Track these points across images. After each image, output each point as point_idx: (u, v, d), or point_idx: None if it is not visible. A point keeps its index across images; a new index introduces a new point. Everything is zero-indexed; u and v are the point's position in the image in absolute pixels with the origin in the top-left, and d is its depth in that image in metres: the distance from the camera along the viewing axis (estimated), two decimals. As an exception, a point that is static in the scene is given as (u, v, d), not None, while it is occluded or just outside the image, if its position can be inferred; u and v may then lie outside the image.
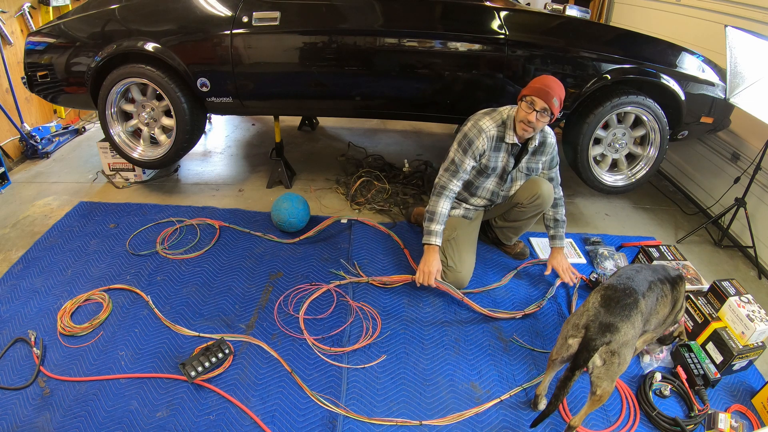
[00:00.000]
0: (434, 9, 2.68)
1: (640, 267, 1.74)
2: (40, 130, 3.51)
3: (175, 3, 2.66)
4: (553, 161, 2.31)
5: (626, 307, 1.52)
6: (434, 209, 2.17)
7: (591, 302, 1.57)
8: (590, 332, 1.48)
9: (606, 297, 1.55)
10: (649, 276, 1.69)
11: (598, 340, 1.46)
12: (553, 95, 1.98)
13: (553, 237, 2.37)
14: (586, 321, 1.52)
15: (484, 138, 2.11)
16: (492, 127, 2.12)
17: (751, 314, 1.94)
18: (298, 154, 3.66)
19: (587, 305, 1.57)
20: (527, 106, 2.02)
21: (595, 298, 1.57)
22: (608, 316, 1.49)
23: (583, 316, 1.54)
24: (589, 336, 1.47)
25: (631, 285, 1.59)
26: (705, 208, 3.17)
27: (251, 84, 2.73)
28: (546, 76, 2.05)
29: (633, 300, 1.55)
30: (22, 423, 1.62)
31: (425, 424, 1.68)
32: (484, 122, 2.12)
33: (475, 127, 2.13)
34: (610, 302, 1.53)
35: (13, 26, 3.39)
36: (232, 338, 1.98)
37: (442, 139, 4.13)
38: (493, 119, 2.13)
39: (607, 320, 1.48)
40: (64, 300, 2.12)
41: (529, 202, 2.29)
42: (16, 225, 2.68)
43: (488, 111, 2.18)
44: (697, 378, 1.87)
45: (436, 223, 2.16)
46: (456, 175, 2.16)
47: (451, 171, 2.17)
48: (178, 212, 2.79)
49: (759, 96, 2.42)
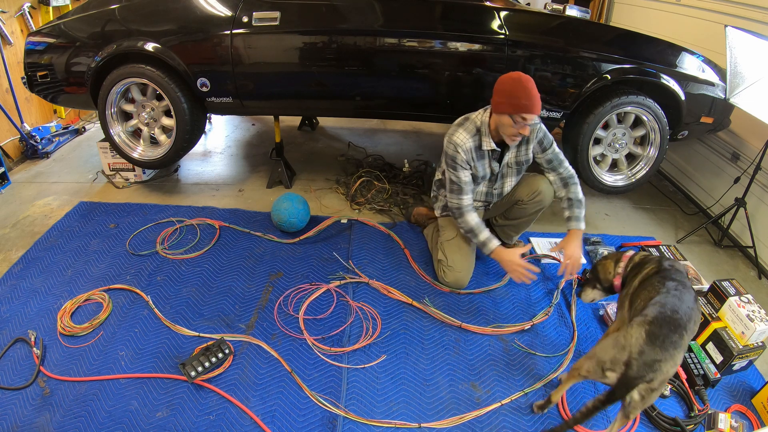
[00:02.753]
0: (434, 9, 2.68)
1: (679, 291, 1.57)
2: (40, 130, 3.52)
3: (175, 3, 2.66)
4: (544, 142, 2.18)
5: (672, 345, 1.43)
6: (469, 226, 2.13)
7: (634, 336, 1.44)
8: (632, 371, 1.40)
9: (651, 333, 1.43)
10: (690, 302, 1.56)
11: (639, 380, 1.39)
12: (539, 103, 1.92)
13: (569, 218, 2.19)
14: (627, 357, 1.42)
15: (461, 152, 2.07)
16: (467, 140, 2.07)
17: (751, 314, 1.93)
18: (298, 154, 3.66)
19: (629, 338, 1.45)
20: (520, 125, 1.94)
21: (639, 332, 1.44)
22: (653, 354, 1.40)
23: (624, 351, 1.43)
24: (631, 375, 1.40)
25: (677, 319, 1.47)
26: (705, 208, 3.17)
27: (251, 84, 2.73)
28: (523, 83, 1.91)
29: (679, 336, 1.44)
30: (22, 423, 1.63)
31: (424, 427, 1.68)
32: (457, 136, 2.07)
33: (451, 143, 2.08)
34: (655, 340, 1.42)
35: (13, 26, 3.39)
36: (232, 338, 1.98)
37: (441, 139, 4.08)
38: (466, 130, 2.08)
39: (651, 358, 1.40)
40: (64, 300, 2.12)
41: (530, 199, 2.29)
42: (16, 225, 2.68)
43: (460, 122, 2.12)
44: (697, 378, 1.87)
45: (481, 233, 2.12)
46: (462, 191, 2.13)
47: (455, 190, 2.13)
48: (178, 212, 2.79)
49: (759, 96, 2.42)
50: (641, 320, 1.48)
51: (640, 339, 1.43)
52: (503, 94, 1.95)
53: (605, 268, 1.89)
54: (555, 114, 2.72)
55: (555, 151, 2.21)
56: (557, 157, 2.22)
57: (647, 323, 1.46)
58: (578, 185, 2.22)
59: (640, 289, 1.67)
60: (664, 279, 1.63)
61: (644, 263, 1.78)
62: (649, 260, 1.78)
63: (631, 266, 1.81)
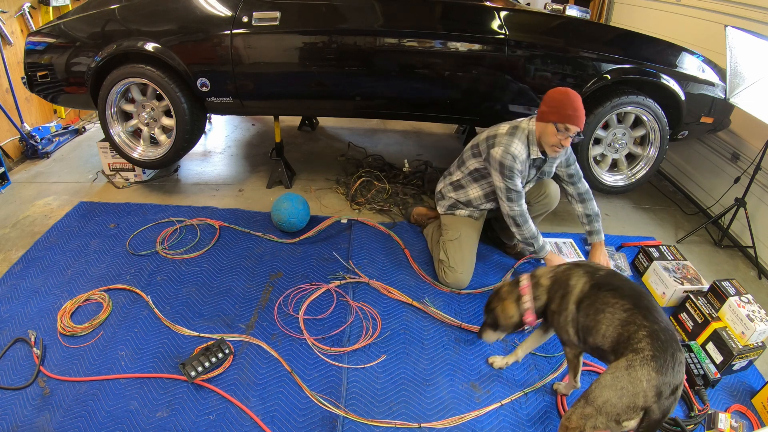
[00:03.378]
0: (434, 9, 2.68)
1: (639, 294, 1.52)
2: (40, 130, 3.51)
3: (175, 3, 2.66)
4: (570, 159, 2.27)
5: (679, 363, 1.37)
6: (531, 233, 2.17)
7: (644, 380, 1.32)
8: (656, 414, 1.31)
9: (659, 368, 1.33)
10: (648, 295, 1.53)
11: (666, 416, 1.33)
12: (584, 116, 1.99)
13: (590, 233, 2.33)
14: (644, 403, 1.32)
15: (518, 163, 2.10)
16: (523, 151, 2.10)
17: (751, 314, 1.94)
18: (298, 154, 3.66)
19: (638, 383, 1.32)
20: (563, 134, 2.00)
21: (647, 373, 1.33)
22: (669, 385, 1.33)
23: (638, 397, 1.32)
24: (656, 418, 1.32)
25: (668, 331, 1.41)
26: (705, 208, 3.17)
27: (251, 84, 2.73)
28: (569, 96, 1.99)
29: (677, 348, 1.39)
30: (22, 423, 1.62)
31: (424, 427, 1.68)
32: (514, 148, 2.08)
33: (509, 153, 2.08)
34: (666, 371, 1.33)
35: (13, 26, 3.39)
36: (232, 338, 1.98)
37: (442, 139, 4.13)
38: (521, 140, 2.10)
39: (669, 391, 1.33)
40: (64, 300, 2.12)
41: (536, 201, 2.31)
42: (16, 225, 2.68)
43: (510, 131, 2.12)
44: (697, 378, 1.87)
45: (540, 238, 2.19)
46: (521, 197, 2.15)
47: (515, 198, 2.14)
48: (178, 212, 2.79)
49: (759, 96, 2.42)
50: (641, 358, 1.35)
51: (652, 380, 1.32)
52: (551, 103, 2.01)
53: (505, 312, 1.72)
54: (555, 114, 2.72)
55: (577, 168, 2.31)
56: (578, 173, 2.31)
57: (650, 359, 1.35)
58: (593, 200, 2.31)
59: (591, 312, 1.53)
60: (612, 291, 1.53)
61: (566, 281, 1.63)
62: (569, 275, 1.63)
63: (548, 290, 1.67)
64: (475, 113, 2.85)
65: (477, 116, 2.89)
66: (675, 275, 2.30)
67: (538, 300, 1.68)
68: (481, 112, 2.82)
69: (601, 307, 1.53)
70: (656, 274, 2.37)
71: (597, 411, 1.36)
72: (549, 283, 1.68)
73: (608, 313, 1.50)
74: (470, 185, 2.33)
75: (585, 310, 1.56)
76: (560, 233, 2.83)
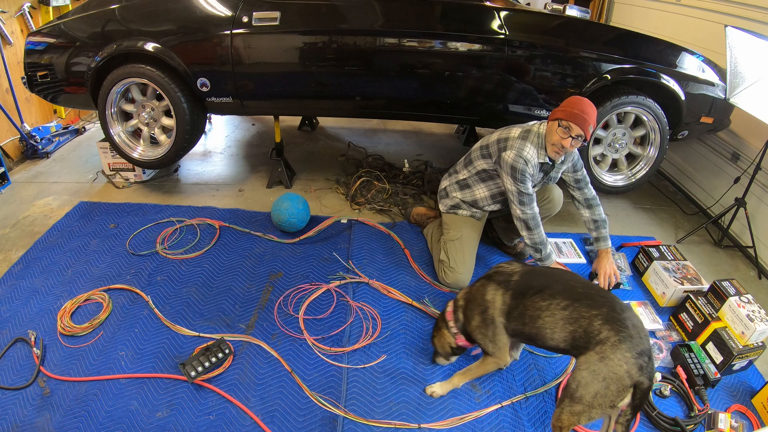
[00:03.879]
0: (434, 9, 2.68)
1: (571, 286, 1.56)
2: (40, 130, 3.51)
3: (175, 3, 2.65)
4: (577, 165, 2.26)
5: (641, 328, 1.44)
6: (541, 238, 2.15)
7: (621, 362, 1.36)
8: (644, 386, 1.37)
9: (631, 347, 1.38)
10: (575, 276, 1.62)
11: (652, 382, 1.39)
12: (590, 122, 1.97)
13: (597, 239, 2.31)
14: (631, 381, 1.36)
15: (530, 167, 2.09)
16: (535, 155, 2.09)
17: (751, 314, 1.94)
18: (298, 154, 3.66)
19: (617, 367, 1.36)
20: (563, 131, 1.99)
21: (621, 356, 1.37)
22: (645, 353, 1.39)
23: (625, 379, 1.36)
24: (646, 387, 1.37)
25: (619, 307, 1.47)
26: (705, 208, 3.17)
27: (251, 84, 2.73)
28: (582, 100, 2.00)
29: (631, 313, 1.47)
30: (22, 423, 1.62)
31: (424, 427, 1.68)
32: (526, 152, 2.08)
33: (521, 157, 2.07)
34: (635, 345, 1.39)
35: (13, 26, 3.39)
36: (232, 338, 1.97)
37: (442, 139, 4.13)
38: (532, 144, 2.10)
39: (647, 359, 1.38)
40: (64, 300, 2.12)
41: (540, 206, 2.30)
42: (16, 225, 2.68)
43: (523, 134, 2.12)
44: (697, 378, 1.87)
45: (548, 245, 2.18)
46: (533, 200, 2.14)
47: (527, 201, 2.12)
48: (178, 212, 2.79)
49: (759, 96, 2.42)
50: (611, 346, 1.39)
51: (630, 359, 1.37)
52: (564, 104, 2.03)
53: (441, 341, 1.81)
54: (555, 114, 2.72)
55: (584, 173, 2.29)
56: (585, 179, 2.29)
57: (618, 343, 1.39)
58: (600, 206, 2.30)
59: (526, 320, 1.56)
60: (539, 293, 1.54)
61: (482, 296, 1.67)
62: (484, 291, 1.67)
63: (464, 309, 1.72)
64: (476, 113, 2.85)
65: (477, 116, 2.89)
66: (675, 275, 2.30)
67: (458, 322, 1.76)
68: (481, 113, 2.83)
69: (535, 313, 1.55)
70: (656, 274, 2.37)
71: (588, 406, 1.39)
72: (464, 303, 1.74)
73: (546, 317, 1.53)
74: (477, 185, 2.32)
75: (518, 319, 1.59)
76: (560, 233, 2.83)
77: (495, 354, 1.69)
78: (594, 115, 1.99)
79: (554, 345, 1.54)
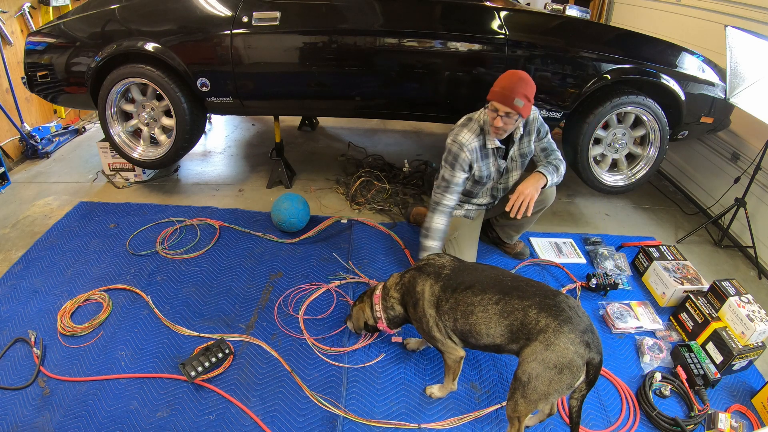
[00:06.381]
0: (434, 9, 2.68)
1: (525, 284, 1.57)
2: (40, 130, 3.51)
3: (175, 3, 2.65)
4: (542, 131, 2.20)
5: (576, 307, 1.47)
6: (429, 225, 2.15)
7: (567, 345, 1.38)
8: (596, 360, 1.39)
9: (572, 329, 1.40)
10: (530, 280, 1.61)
11: (601, 355, 1.41)
12: (514, 96, 1.88)
13: (537, 166, 2.20)
14: (582, 360, 1.38)
15: (466, 152, 2.07)
16: (472, 139, 2.07)
17: (751, 314, 1.94)
18: (298, 154, 3.66)
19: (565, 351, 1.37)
20: (492, 112, 1.96)
21: (567, 339, 1.38)
22: (588, 329, 1.42)
23: (576, 359, 1.38)
24: (598, 362, 1.40)
25: (552, 295, 1.49)
26: (705, 208, 3.17)
27: (251, 84, 2.73)
28: (510, 75, 1.94)
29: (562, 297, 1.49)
30: (22, 423, 1.62)
31: (424, 427, 1.68)
32: (463, 136, 2.07)
33: (456, 142, 2.08)
34: (576, 324, 1.41)
35: (13, 26, 3.39)
36: (232, 338, 1.98)
37: (442, 139, 4.12)
38: (471, 130, 2.08)
39: (591, 334, 1.41)
40: (64, 300, 2.12)
41: None
42: (16, 225, 2.68)
43: (464, 122, 2.12)
44: (697, 378, 1.87)
45: (431, 239, 2.15)
46: (448, 190, 2.13)
47: (443, 187, 2.14)
48: (178, 212, 2.79)
49: (759, 96, 2.42)
50: (552, 332, 1.40)
51: (575, 340, 1.38)
52: (494, 83, 1.97)
53: (359, 315, 1.84)
54: (555, 114, 2.72)
55: (549, 140, 2.25)
56: (551, 146, 2.25)
57: (559, 327, 1.40)
58: (563, 165, 2.22)
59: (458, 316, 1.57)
60: (469, 289, 1.56)
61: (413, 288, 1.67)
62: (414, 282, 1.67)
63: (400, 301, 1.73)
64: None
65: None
66: (675, 275, 2.30)
67: (391, 311, 1.76)
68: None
69: (468, 309, 1.55)
70: (656, 274, 2.37)
71: (545, 394, 1.41)
72: (399, 295, 1.74)
73: (479, 313, 1.54)
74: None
75: (449, 314, 1.59)
76: (560, 233, 2.83)
77: (439, 347, 1.68)
78: (521, 87, 1.89)
79: (491, 342, 1.54)
